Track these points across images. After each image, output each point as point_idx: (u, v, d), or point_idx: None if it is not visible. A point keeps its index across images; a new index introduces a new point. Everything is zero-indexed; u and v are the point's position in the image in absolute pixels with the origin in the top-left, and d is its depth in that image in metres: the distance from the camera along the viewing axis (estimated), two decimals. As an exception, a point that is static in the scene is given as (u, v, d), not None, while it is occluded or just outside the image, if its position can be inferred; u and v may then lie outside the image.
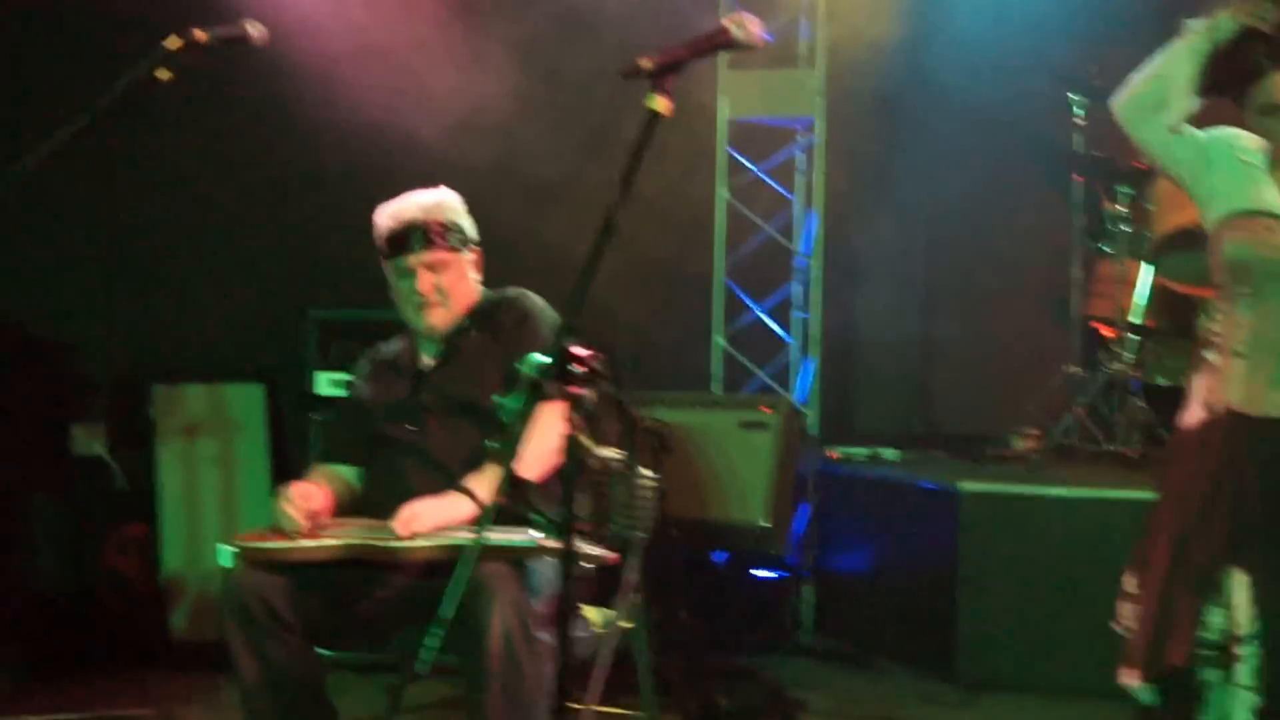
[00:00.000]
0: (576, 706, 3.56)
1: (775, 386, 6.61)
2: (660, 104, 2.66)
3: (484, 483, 3.59)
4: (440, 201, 3.90)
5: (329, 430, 4.15)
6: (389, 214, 3.90)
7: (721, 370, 6.67)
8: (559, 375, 2.62)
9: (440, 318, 3.88)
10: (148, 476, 5.83)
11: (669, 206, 6.43)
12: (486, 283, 3.98)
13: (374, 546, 3.49)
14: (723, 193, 6.66)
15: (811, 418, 6.45)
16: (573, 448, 2.63)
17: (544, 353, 2.67)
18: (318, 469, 3.96)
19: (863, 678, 5.68)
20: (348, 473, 3.96)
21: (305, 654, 3.58)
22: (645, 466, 3.08)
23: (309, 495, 3.68)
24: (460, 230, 3.90)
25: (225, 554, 3.59)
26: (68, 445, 5.91)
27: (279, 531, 3.62)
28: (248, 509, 5.85)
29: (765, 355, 6.68)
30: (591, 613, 3.76)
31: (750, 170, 6.67)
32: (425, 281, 3.84)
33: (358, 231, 6.33)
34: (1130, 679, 3.30)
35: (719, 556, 6.04)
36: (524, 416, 2.62)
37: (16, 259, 6.18)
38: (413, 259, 3.84)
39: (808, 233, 6.63)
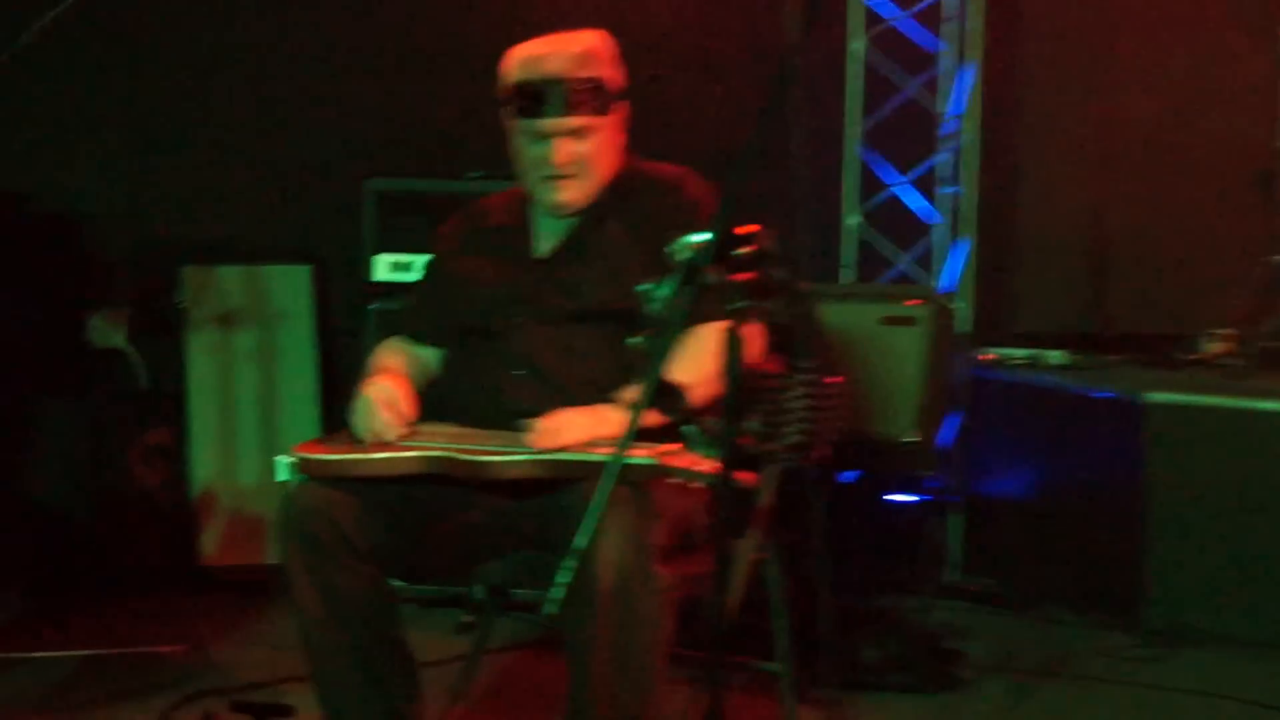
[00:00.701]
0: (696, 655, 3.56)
1: (919, 275, 6.56)
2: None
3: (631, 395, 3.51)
4: (588, 50, 3.76)
5: (413, 300, 4.08)
6: (522, 61, 3.77)
7: (855, 255, 6.61)
8: (720, 258, 2.54)
9: (574, 193, 3.79)
10: (176, 374, 5.89)
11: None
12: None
13: (461, 460, 3.46)
14: (856, 45, 6.59)
15: (961, 312, 6.41)
16: (735, 359, 2.57)
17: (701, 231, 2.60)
18: (393, 345, 3.96)
19: (1025, 626, 5.65)
20: (429, 356, 3.95)
21: (378, 585, 3.57)
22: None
23: (407, 397, 3.66)
24: (610, 86, 3.77)
25: (282, 466, 3.59)
26: (83, 337, 5.94)
27: (347, 439, 3.59)
28: (291, 412, 5.93)
29: (906, 237, 6.63)
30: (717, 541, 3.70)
31: (889, 17, 6.60)
32: (563, 151, 3.74)
33: (425, 86, 6.39)
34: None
35: (846, 476, 5.99)
36: (675, 307, 2.56)
37: (28, 125, 6.17)
38: (549, 124, 3.72)
39: (959, 91, 6.54)
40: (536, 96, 3.72)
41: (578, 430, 3.46)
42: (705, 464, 3.25)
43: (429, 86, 6.37)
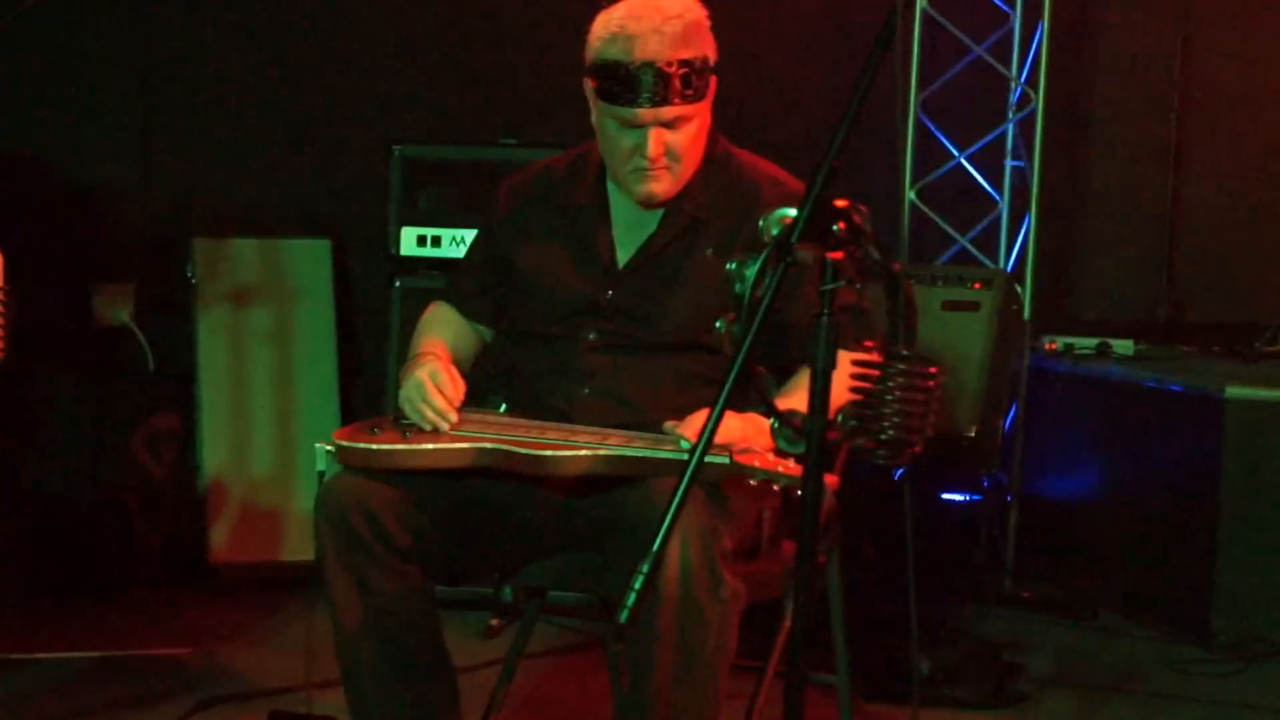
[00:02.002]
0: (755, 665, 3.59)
1: (979, 255, 6.56)
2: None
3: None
4: (689, 25, 3.60)
5: (469, 269, 4.00)
6: (613, 37, 3.61)
7: (909, 233, 6.61)
8: (814, 235, 2.56)
9: (666, 184, 3.68)
10: (185, 354, 5.89)
11: (843, 19, 6.36)
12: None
13: (518, 454, 3.44)
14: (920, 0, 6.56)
15: (1023, 297, 6.39)
16: (826, 346, 2.58)
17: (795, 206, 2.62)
18: (444, 313, 3.93)
19: (1088, 636, 5.67)
20: (483, 330, 3.94)
21: (420, 589, 3.57)
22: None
23: (457, 382, 3.62)
24: (708, 67, 3.64)
25: (321, 455, 3.56)
26: (87, 313, 5.95)
27: (390, 427, 3.58)
28: (309, 397, 5.91)
29: (967, 215, 6.63)
30: (788, 546, 3.73)
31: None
32: (657, 144, 3.62)
33: (455, 45, 6.38)
34: None
35: (895, 472, 6.01)
36: (763, 287, 2.58)
37: (32, 91, 6.18)
38: (646, 113, 3.59)
39: (1030, 56, 6.53)
40: (630, 83, 3.57)
41: (732, 432, 3.36)
42: (784, 464, 3.23)
43: (459, 45, 6.39)
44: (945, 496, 6.19)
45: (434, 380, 3.59)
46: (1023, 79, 6.53)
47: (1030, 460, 6.22)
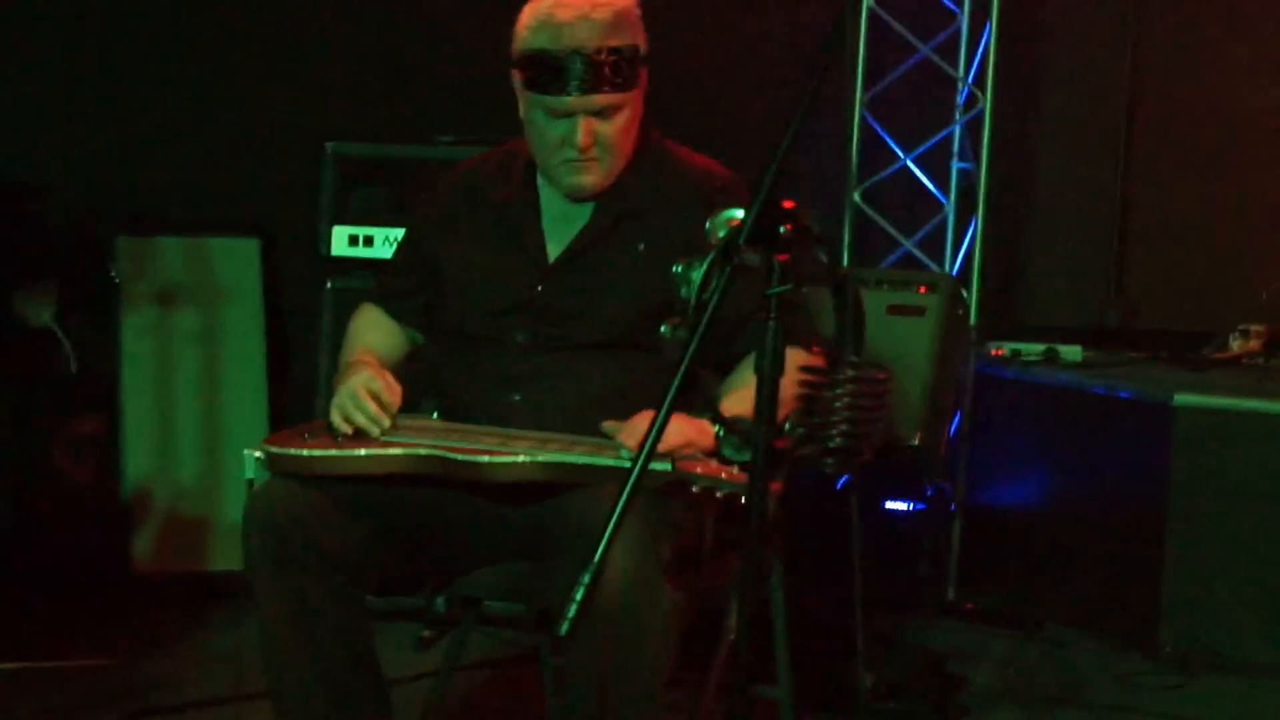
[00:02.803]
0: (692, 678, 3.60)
1: (924, 259, 6.57)
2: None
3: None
4: (619, 13, 3.64)
5: (395, 270, 4.02)
6: (540, 25, 3.64)
7: (853, 236, 6.63)
8: (761, 237, 2.59)
9: (597, 175, 3.72)
10: (109, 356, 5.87)
11: (788, 18, 6.39)
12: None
13: (453, 460, 3.46)
14: (867, -1, 6.59)
15: (969, 301, 6.41)
16: (773, 351, 2.61)
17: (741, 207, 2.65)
18: (373, 316, 3.95)
19: (1034, 648, 5.69)
20: (412, 333, 3.96)
21: (351, 597, 3.58)
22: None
23: (392, 387, 3.63)
24: (638, 55, 3.67)
25: (250, 461, 3.60)
26: (7, 314, 5.93)
27: (321, 433, 3.59)
28: (237, 401, 5.88)
29: (912, 217, 6.65)
30: (730, 556, 3.76)
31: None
32: (587, 133, 3.65)
33: (389, 39, 6.38)
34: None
35: (838, 480, 6.03)
36: (709, 290, 2.60)
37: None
38: (575, 101, 3.62)
39: (978, 56, 6.56)
40: (558, 70, 3.60)
41: (674, 436, 3.37)
42: (727, 470, 3.26)
43: (394, 40, 6.40)
44: (888, 506, 6.19)
45: (368, 387, 3.59)
46: (970, 79, 6.55)
47: (975, 469, 6.21)
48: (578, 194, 3.75)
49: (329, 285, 5.63)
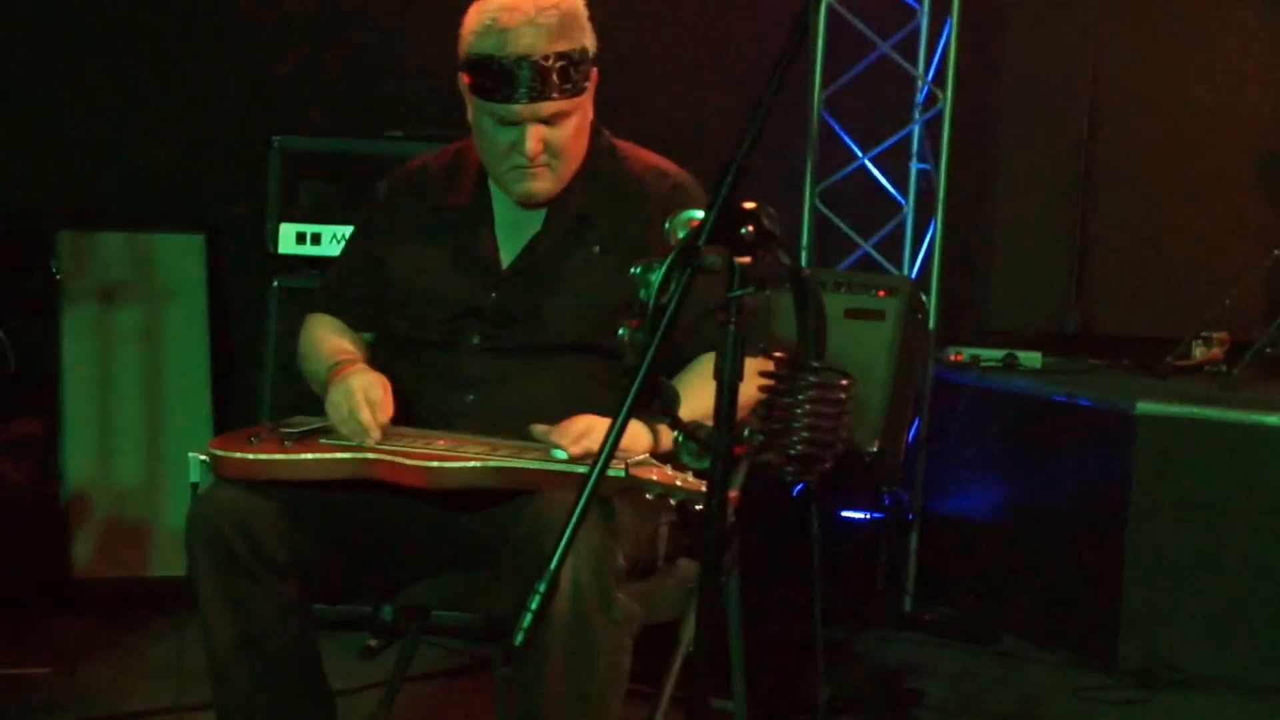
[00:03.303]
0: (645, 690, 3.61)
1: (883, 261, 6.59)
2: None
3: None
4: (566, 15, 3.61)
5: (342, 274, 4.00)
6: (485, 30, 3.60)
7: (810, 237, 6.64)
8: (722, 238, 2.59)
9: (547, 182, 3.71)
10: (48, 355, 5.84)
11: (746, 13, 6.40)
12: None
13: (400, 465, 3.45)
14: (825, -8, 6.57)
15: (928, 305, 6.42)
16: (732, 356, 2.61)
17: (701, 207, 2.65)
18: (329, 324, 3.93)
19: (990, 662, 5.71)
20: (366, 336, 3.94)
21: (297, 607, 3.58)
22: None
23: (388, 408, 3.59)
24: (587, 57, 3.66)
25: (195, 464, 3.55)
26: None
27: (268, 435, 3.58)
28: (180, 402, 5.86)
29: (870, 219, 6.66)
30: (684, 565, 3.78)
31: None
32: (535, 141, 3.63)
33: (338, 30, 6.36)
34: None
35: (794, 488, 6.04)
36: (668, 293, 2.60)
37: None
38: (523, 110, 3.60)
39: (938, 54, 6.58)
40: (505, 78, 3.58)
41: (628, 440, 3.39)
42: (681, 477, 3.27)
43: (343, 31, 6.37)
44: (844, 514, 6.21)
45: (366, 393, 3.57)
46: (929, 78, 6.57)
47: (933, 477, 6.26)
48: (528, 201, 3.75)
49: (275, 284, 5.59)
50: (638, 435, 3.48)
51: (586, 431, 3.43)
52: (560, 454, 3.41)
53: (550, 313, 3.71)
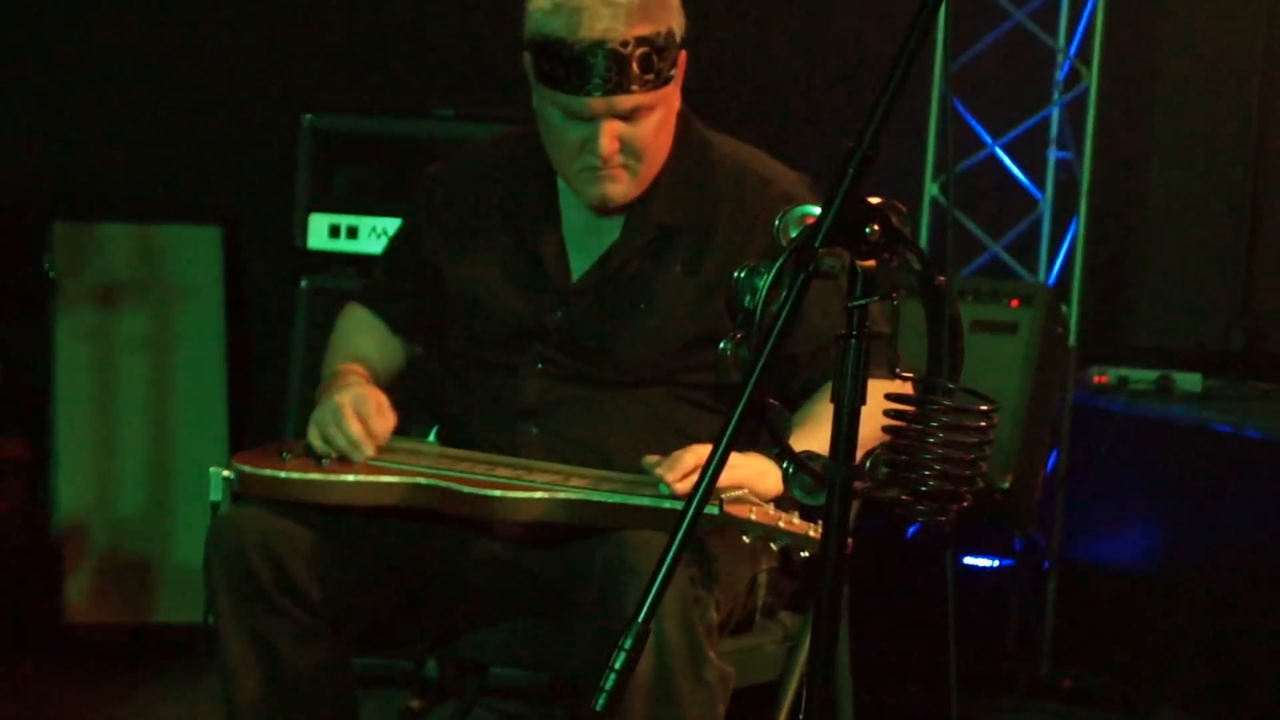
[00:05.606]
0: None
1: (1015, 266, 6.59)
2: None
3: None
4: None
5: (388, 269, 4.02)
6: (557, 5, 3.54)
7: (929, 236, 6.64)
8: (841, 238, 2.57)
9: (625, 186, 3.67)
10: (40, 365, 5.89)
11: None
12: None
13: (459, 493, 3.46)
14: (948, -45, 6.59)
15: (1068, 318, 6.42)
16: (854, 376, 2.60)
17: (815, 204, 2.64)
18: (363, 319, 3.96)
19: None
20: (409, 344, 3.97)
21: (333, 654, 3.59)
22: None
23: (385, 413, 3.63)
24: (673, 42, 3.60)
25: (217, 480, 3.57)
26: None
27: (302, 452, 3.59)
28: (191, 419, 5.90)
29: (1000, 216, 6.66)
30: (786, 619, 3.79)
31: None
32: (610, 140, 3.58)
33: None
34: None
35: (908, 530, 6.06)
36: (778, 301, 2.59)
37: None
38: (597, 103, 3.56)
39: (1082, 24, 6.58)
40: (576, 66, 3.53)
41: (727, 474, 3.16)
42: (784, 517, 3.27)
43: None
44: (969, 561, 6.21)
45: (356, 407, 3.59)
46: (1072, 52, 6.57)
47: (1073, 519, 6.23)
48: (602, 207, 3.72)
49: (304, 284, 5.62)
50: (765, 473, 3.43)
51: (699, 465, 3.31)
52: (664, 489, 3.39)
53: (621, 346, 3.69)
